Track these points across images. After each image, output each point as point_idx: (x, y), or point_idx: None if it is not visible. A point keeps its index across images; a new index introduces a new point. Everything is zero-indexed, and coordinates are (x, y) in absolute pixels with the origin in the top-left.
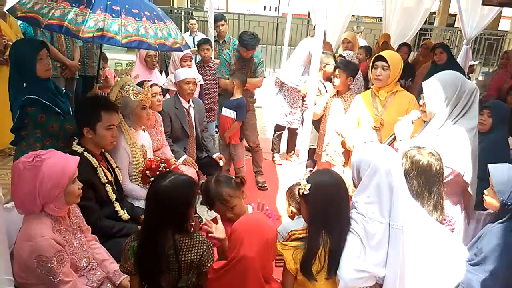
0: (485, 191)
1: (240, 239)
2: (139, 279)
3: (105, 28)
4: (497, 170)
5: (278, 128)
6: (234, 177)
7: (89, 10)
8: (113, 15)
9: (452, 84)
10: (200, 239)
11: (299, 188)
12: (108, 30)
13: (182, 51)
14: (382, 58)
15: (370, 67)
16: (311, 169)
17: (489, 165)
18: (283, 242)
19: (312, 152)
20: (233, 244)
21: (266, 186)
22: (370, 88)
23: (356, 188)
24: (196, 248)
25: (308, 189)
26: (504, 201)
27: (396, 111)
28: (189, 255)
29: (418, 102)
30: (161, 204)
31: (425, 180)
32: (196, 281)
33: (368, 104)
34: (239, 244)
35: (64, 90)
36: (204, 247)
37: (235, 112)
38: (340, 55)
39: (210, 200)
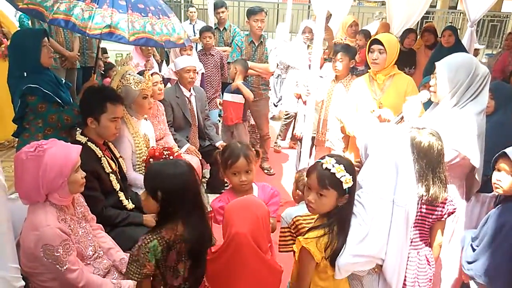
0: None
1: (231, 218)
2: (152, 279)
3: (112, 25)
4: None
5: (288, 115)
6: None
7: (95, 4)
8: (120, 10)
9: (466, 67)
10: None
11: (343, 182)
12: (116, 27)
13: (185, 46)
14: (378, 42)
15: (367, 51)
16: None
17: (506, 150)
18: (304, 237)
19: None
20: (225, 225)
21: (273, 171)
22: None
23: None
24: None
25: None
26: None
27: (394, 94)
28: None
29: (420, 86)
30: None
31: (427, 162)
32: None
33: (367, 88)
34: (231, 224)
35: (64, 81)
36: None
37: (238, 96)
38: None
39: (235, 155)
